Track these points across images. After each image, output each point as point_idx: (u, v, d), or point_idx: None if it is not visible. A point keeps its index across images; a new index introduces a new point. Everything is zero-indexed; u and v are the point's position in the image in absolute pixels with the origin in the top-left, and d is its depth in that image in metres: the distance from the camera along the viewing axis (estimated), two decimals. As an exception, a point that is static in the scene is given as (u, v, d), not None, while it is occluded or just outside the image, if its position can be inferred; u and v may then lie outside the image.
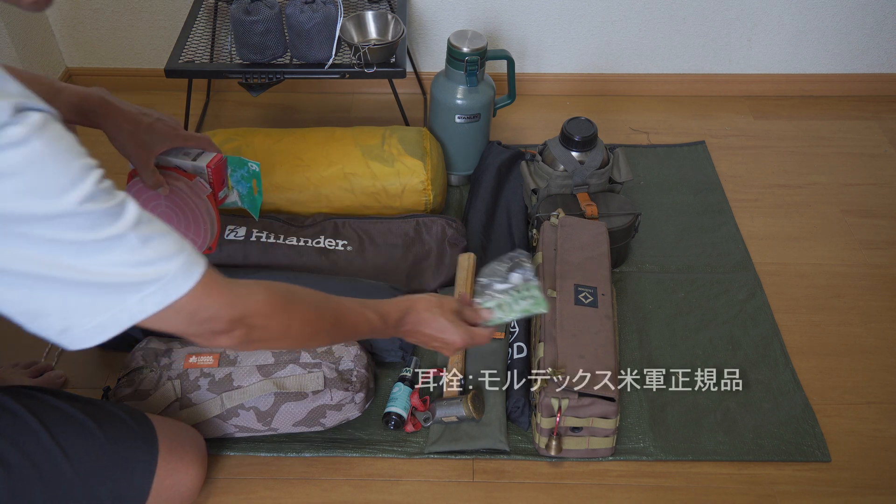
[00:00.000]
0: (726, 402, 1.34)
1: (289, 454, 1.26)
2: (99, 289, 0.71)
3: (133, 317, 0.74)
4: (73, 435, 1.01)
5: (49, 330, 0.73)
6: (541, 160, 1.57)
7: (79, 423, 1.02)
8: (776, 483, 1.23)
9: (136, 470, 1.05)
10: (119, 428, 1.05)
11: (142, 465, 1.05)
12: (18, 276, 0.68)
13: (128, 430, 1.05)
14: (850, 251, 1.64)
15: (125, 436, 1.05)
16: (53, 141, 0.67)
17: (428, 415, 1.27)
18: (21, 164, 0.65)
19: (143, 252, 0.72)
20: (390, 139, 1.61)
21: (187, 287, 0.75)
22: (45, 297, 0.70)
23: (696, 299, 1.52)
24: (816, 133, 1.98)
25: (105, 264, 0.70)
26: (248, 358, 1.26)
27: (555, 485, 1.23)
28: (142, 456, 1.05)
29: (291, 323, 0.90)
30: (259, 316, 0.85)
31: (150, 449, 1.06)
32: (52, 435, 0.99)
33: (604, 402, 1.16)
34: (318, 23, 1.55)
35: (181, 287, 0.75)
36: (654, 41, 2.01)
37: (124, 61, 2.03)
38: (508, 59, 1.69)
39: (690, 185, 1.79)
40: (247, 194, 1.30)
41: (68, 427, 1.01)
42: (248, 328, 0.84)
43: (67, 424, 1.01)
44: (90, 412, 1.04)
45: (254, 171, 1.26)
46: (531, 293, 1.13)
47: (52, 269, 0.69)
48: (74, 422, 1.02)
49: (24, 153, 0.65)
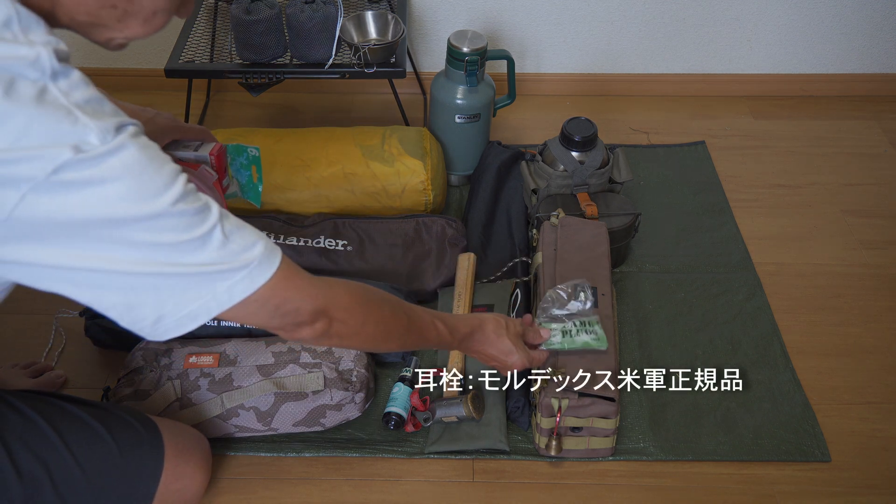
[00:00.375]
0: (726, 402, 1.34)
1: (289, 454, 1.26)
2: (191, 280, 0.76)
3: (222, 304, 0.78)
4: (85, 440, 1.01)
5: (143, 322, 0.77)
6: (541, 160, 1.57)
7: (90, 428, 1.02)
8: (776, 483, 1.23)
9: (143, 475, 1.05)
10: (128, 433, 1.05)
11: (148, 471, 1.05)
12: (118, 276, 0.73)
13: (136, 436, 1.05)
14: (850, 251, 1.64)
15: (133, 441, 1.04)
16: (145, 147, 0.72)
17: (428, 415, 1.27)
18: (120, 170, 0.69)
19: (229, 245, 0.77)
20: (390, 139, 1.61)
21: (270, 272, 0.79)
22: (141, 292, 0.75)
23: (696, 299, 1.52)
24: (816, 133, 1.98)
25: (198, 260, 0.75)
26: (248, 358, 1.26)
27: (555, 485, 1.23)
28: (149, 461, 1.05)
29: (368, 319, 0.94)
30: (340, 309, 0.89)
31: (156, 454, 1.06)
32: (64, 440, 0.99)
33: (604, 402, 1.16)
34: (318, 23, 1.55)
35: (266, 272, 0.79)
36: (654, 41, 2.01)
37: (124, 61, 2.03)
38: (508, 59, 1.69)
39: (690, 185, 1.79)
40: (247, 183, 1.29)
41: (80, 432, 1.01)
42: (329, 320, 0.88)
43: (79, 429, 1.01)
44: (100, 417, 1.04)
45: (254, 156, 1.25)
46: (594, 328, 1.21)
47: (149, 267, 0.73)
48: (85, 427, 1.02)
49: (122, 159, 0.69)
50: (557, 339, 1.20)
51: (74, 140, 0.67)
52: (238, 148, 1.25)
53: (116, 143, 0.69)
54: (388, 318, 0.96)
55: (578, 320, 1.22)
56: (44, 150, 0.66)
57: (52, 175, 0.66)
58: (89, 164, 0.68)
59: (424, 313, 1.03)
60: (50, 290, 0.74)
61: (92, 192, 0.69)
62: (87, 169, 0.68)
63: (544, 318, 1.23)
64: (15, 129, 0.65)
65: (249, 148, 1.25)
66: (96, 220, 0.70)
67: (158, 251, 0.73)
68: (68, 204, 0.68)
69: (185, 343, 1.30)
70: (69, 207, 0.68)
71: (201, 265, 0.75)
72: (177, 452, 1.08)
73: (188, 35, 1.69)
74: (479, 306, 1.42)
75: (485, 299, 1.44)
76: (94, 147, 0.68)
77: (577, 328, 1.21)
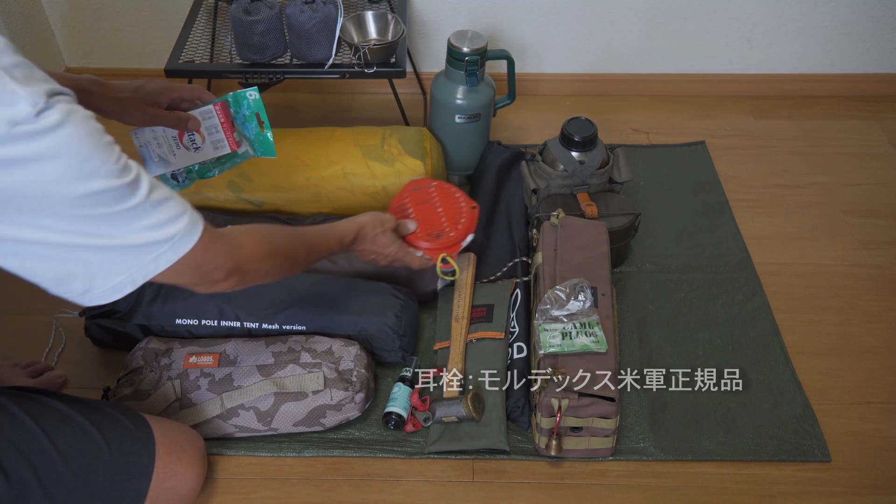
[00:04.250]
0: (726, 402, 1.34)
1: (289, 454, 1.26)
2: (120, 252, 0.80)
3: (148, 274, 0.83)
4: (73, 439, 1.00)
5: (72, 293, 0.81)
6: (541, 160, 1.57)
7: (78, 426, 1.02)
8: (776, 483, 1.23)
9: (134, 473, 1.04)
10: (118, 431, 1.04)
11: (139, 468, 1.05)
12: (50, 247, 0.76)
13: (126, 434, 1.05)
14: (850, 251, 1.64)
15: (123, 438, 1.04)
16: (82, 123, 0.74)
17: (428, 415, 1.27)
18: (58, 148, 0.71)
19: (156, 216, 0.81)
20: (390, 139, 1.61)
21: (192, 242, 0.85)
22: (72, 264, 0.78)
23: (696, 299, 1.52)
24: (817, 133, 1.98)
25: (127, 231, 0.79)
26: (248, 358, 1.26)
27: (555, 485, 1.23)
28: (139, 459, 1.05)
29: (275, 262, 1.02)
30: (252, 261, 0.97)
31: (147, 451, 1.06)
32: (52, 439, 0.98)
33: (604, 402, 1.16)
34: (318, 23, 1.54)
35: (188, 243, 0.85)
36: (654, 41, 2.01)
37: (124, 61, 2.03)
38: (508, 59, 1.69)
39: (690, 185, 1.79)
40: (256, 136, 1.29)
41: (68, 431, 1.01)
42: (242, 273, 0.95)
43: (67, 428, 1.01)
44: (88, 414, 1.03)
45: (254, 99, 1.26)
46: (594, 330, 1.21)
47: (81, 239, 0.77)
48: (74, 425, 1.02)
49: (60, 137, 0.71)
50: (557, 342, 1.20)
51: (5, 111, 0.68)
52: (236, 97, 1.25)
53: (53, 119, 0.70)
54: (291, 255, 1.06)
55: (578, 322, 1.22)
56: None
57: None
58: (27, 140, 0.69)
59: (315, 234, 1.14)
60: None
61: (30, 169, 0.70)
62: (24, 144, 0.69)
63: (544, 319, 1.24)
64: None
65: (247, 92, 1.25)
66: (31, 196, 0.72)
67: (90, 224, 0.76)
68: (4, 179, 0.70)
69: (186, 343, 1.30)
70: (5, 182, 0.70)
71: (130, 238, 0.79)
72: (169, 450, 1.08)
73: (188, 35, 1.69)
74: (480, 306, 1.42)
75: (485, 299, 1.44)
76: (29, 119, 0.69)
77: (576, 330, 1.21)
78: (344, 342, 1.30)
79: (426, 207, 1.42)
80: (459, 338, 1.36)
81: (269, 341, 1.29)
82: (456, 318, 1.39)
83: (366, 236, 1.24)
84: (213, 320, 1.33)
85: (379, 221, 1.26)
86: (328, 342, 1.30)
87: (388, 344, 1.34)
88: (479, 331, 1.37)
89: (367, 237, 1.24)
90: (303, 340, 1.30)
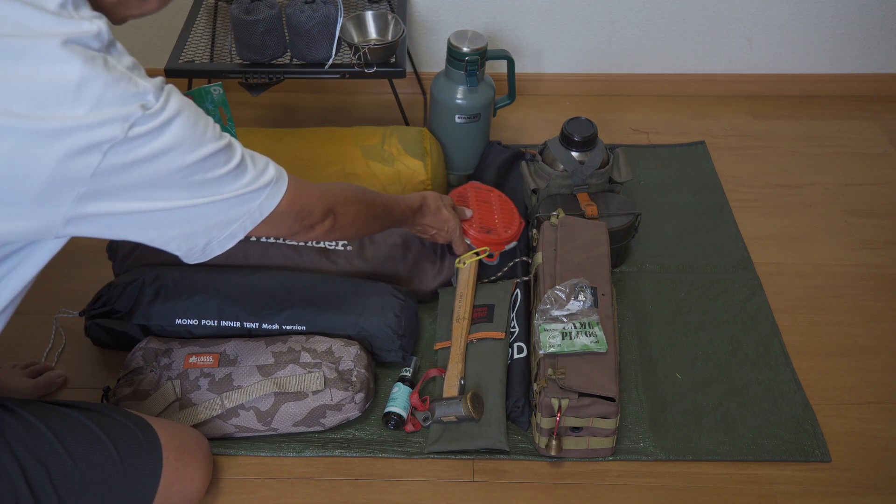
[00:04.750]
0: (726, 402, 1.34)
1: (289, 454, 1.26)
2: (232, 204, 0.91)
3: (255, 220, 0.94)
4: (84, 444, 1.01)
5: (195, 248, 0.92)
6: (541, 160, 1.57)
7: (89, 432, 1.02)
8: (776, 483, 1.23)
9: (143, 478, 1.05)
10: (126, 437, 1.05)
11: (147, 474, 1.05)
12: (177, 212, 0.87)
13: (134, 439, 1.05)
14: (850, 251, 1.64)
15: (132, 445, 1.05)
16: (185, 99, 0.85)
17: (428, 415, 1.27)
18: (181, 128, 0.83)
19: (254, 169, 0.93)
20: (390, 139, 1.61)
21: (285, 185, 0.96)
22: (195, 223, 0.89)
23: (696, 299, 1.52)
24: (816, 133, 1.98)
25: (236, 187, 0.90)
26: (248, 358, 1.26)
27: (555, 485, 1.23)
28: (147, 464, 1.05)
29: (359, 209, 1.14)
30: (342, 204, 1.10)
31: (155, 457, 1.06)
32: (64, 444, 0.99)
33: (604, 402, 1.16)
34: (318, 23, 1.55)
35: (282, 186, 0.96)
36: (654, 41, 2.01)
37: (124, 61, 2.03)
38: (508, 59, 1.69)
39: (690, 185, 1.79)
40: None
41: (80, 436, 1.01)
42: (334, 216, 1.08)
43: (79, 433, 1.02)
44: (98, 421, 1.04)
45: (219, 94, 1.27)
46: (594, 330, 1.21)
47: (202, 200, 0.88)
48: (85, 431, 1.02)
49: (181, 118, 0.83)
50: (557, 342, 1.20)
51: (140, 100, 0.80)
52: (200, 93, 1.25)
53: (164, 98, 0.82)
54: (371, 204, 1.18)
55: (578, 322, 1.22)
56: (119, 111, 0.78)
57: (129, 131, 0.78)
58: (152, 118, 0.80)
59: (388, 197, 1.25)
60: (118, 237, 0.87)
61: (157, 143, 0.81)
62: (151, 121, 0.80)
63: (544, 319, 1.24)
64: (94, 93, 0.77)
65: (212, 87, 1.26)
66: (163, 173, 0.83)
67: (208, 186, 0.87)
68: (140, 155, 0.80)
69: (185, 343, 1.30)
70: (141, 159, 0.81)
71: (239, 191, 0.90)
72: (177, 455, 1.08)
73: (188, 35, 1.69)
74: (480, 306, 1.42)
75: (485, 299, 1.44)
76: (153, 104, 0.81)
77: (576, 330, 1.21)
78: (344, 342, 1.30)
79: (484, 206, 1.54)
80: (460, 338, 1.36)
81: (269, 341, 1.29)
82: (457, 318, 1.39)
83: (429, 207, 1.34)
84: (213, 320, 1.33)
85: (440, 197, 1.38)
86: (328, 342, 1.30)
87: (388, 344, 1.34)
88: (480, 331, 1.37)
89: (429, 209, 1.34)
90: (303, 340, 1.30)
